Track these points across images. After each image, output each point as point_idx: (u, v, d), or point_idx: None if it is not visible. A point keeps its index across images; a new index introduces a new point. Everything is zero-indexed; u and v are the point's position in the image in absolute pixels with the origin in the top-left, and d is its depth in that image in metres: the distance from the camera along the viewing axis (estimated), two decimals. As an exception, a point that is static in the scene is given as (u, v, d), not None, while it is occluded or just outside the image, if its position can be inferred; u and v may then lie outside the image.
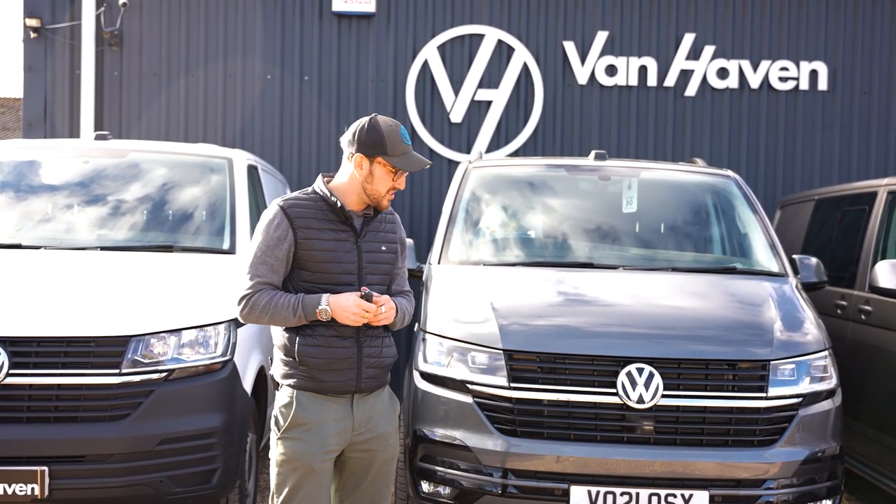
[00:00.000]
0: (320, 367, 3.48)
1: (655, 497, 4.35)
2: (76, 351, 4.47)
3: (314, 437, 3.49)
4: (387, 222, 3.70)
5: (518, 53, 9.40)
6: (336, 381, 3.50)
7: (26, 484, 4.33)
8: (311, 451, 3.48)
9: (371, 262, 3.59)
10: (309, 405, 3.50)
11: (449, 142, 9.41)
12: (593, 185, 6.29)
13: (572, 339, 4.64)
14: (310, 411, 3.49)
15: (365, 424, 3.58)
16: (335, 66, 9.41)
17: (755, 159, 9.51)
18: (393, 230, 3.72)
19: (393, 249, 3.69)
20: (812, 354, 4.75)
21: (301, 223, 3.50)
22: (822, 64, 9.53)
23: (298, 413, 3.49)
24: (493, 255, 5.75)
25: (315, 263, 3.50)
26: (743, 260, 5.88)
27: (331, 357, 3.48)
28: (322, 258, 3.50)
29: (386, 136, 3.51)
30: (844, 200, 6.98)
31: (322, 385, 3.49)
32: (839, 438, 4.75)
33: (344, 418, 3.53)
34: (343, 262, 3.52)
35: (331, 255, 3.50)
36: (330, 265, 3.50)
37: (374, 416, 3.60)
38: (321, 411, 3.50)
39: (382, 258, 3.63)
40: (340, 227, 3.54)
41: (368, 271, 3.57)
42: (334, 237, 3.52)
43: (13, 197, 5.91)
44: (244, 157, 6.37)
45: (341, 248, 3.52)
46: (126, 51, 9.35)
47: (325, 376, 3.49)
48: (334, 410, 3.51)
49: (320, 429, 3.49)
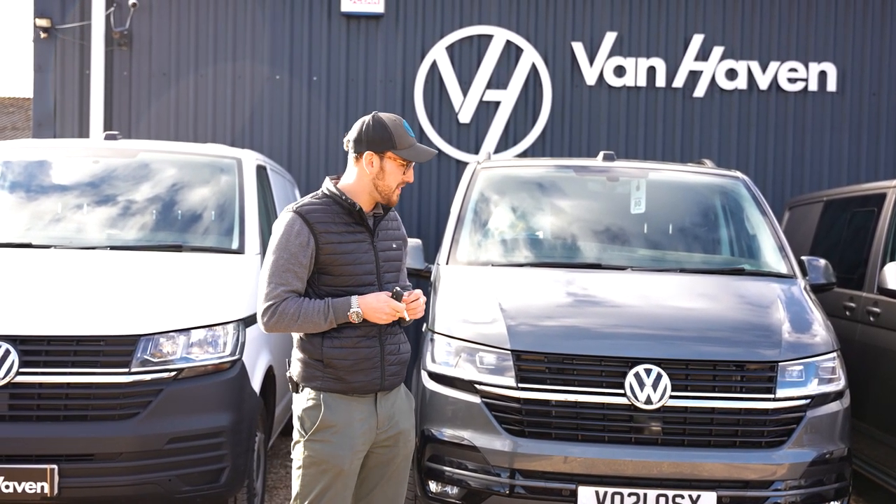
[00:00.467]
0: (347, 367, 3.50)
1: (663, 498, 4.35)
2: (86, 350, 4.49)
3: (343, 439, 3.49)
4: (392, 219, 3.76)
5: (526, 54, 9.40)
6: (362, 382, 3.52)
7: (36, 482, 4.35)
8: (340, 454, 3.49)
9: (386, 261, 3.64)
10: (336, 407, 3.50)
11: (457, 142, 9.41)
12: (602, 185, 6.29)
13: (580, 340, 4.64)
14: (337, 413, 3.50)
15: (388, 422, 3.61)
16: (344, 66, 9.43)
17: (764, 160, 9.50)
18: (398, 227, 3.79)
19: (400, 246, 3.76)
20: (820, 356, 4.74)
21: (321, 228, 3.50)
22: (831, 65, 9.51)
23: (327, 416, 3.49)
24: (502, 255, 5.75)
25: (338, 267, 3.52)
26: (751, 261, 5.87)
27: (358, 357, 3.51)
28: (344, 261, 3.52)
29: (392, 130, 3.55)
30: (853, 202, 6.97)
31: (349, 386, 3.51)
32: (847, 440, 4.74)
33: (369, 418, 3.55)
34: (363, 263, 3.56)
35: (352, 258, 3.53)
36: (351, 267, 3.53)
37: (395, 414, 3.64)
38: (349, 412, 3.51)
39: (394, 255, 3.69)
40: (357, 228, 3.58)
41: (385, 269, 3.62)
42: (353, 239, 3.55)
43: (23, 196, 5.93)
44: (253, 158, 6.39)
45: (360, 250, 3.56)
46: (135, 51, 9.38)
47: (352, 377, 3.51)
48: (360, 410, 3.53)
49: (348, 430, 3.50)
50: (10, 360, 4.39)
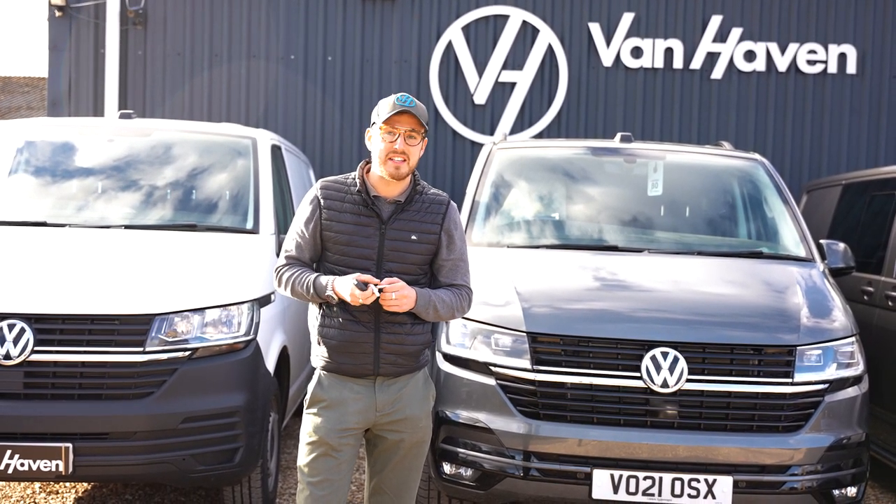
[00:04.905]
0: (334, 348, 3.54)
1: (679, 482, 4.32)
2: (101, 329, 4.48)
3: (332, 414, 3.55)
4: (428, 211, 3.62)
5: (543, 35, 9.34)
6: (351, 365, 3.54)
7: (51, 460, 4.36)
8: (328, 427, 3.54)
9: (395, 251, 3.55)
10: (328, 384, 3.58)
11: (472, 123, 9.37)
12: (618, 167, 6.23)
13: (596, 323, 4.61)
14: (329, 390, 3.57)
15: (391, 406, 3.58)
16: (359, 46, 9.39)
17: (782, 143, 9.42)
18: (434, 220, 3.61)
19: (430, 240, 3.59)
20: (839, 340, 4.69)
21: (327, 203, 3.58)
22: (850, 47, 9.41)
23: (318, 391, 3.60)
24: (517, 237, 5.72)
25: (334, 245, 3.57)
26: (769, 244, 5.82)
27: (344, 339, 3.52)
28: (339, 240, 3.55)
29: (382, 103, 3.59)
30: (872, 185, 6.90)
31: (338, 366, 3.56)
32: (865, 425, 4.70)
33: (366, 398, 3.56)
34: (361, 247, 3.54)
35: (347, 238, 3.54)
36: (347, 248, 3.54)
37: (402, 399, 3.60)
38: (341, 390, 3.56)
39: (411, 248, 3.57)
40: (364, 212, 3.56)
41: (390, 258, 3.54)
42: (355, 221, 3.55)
43: (38, 175, 5.93)
44: (268, 137, 6.36)
45: (361, 233, 3.54)
46: (150, 30, 9.36)
47: (340, 358, 3.54)
48: (355, 390, 3.56)
49: (340, 406, 3.55)
50: (25, 339, 4.39)
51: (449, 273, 3.66)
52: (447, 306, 3.60)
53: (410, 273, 3.57)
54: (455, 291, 3.65)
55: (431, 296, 3.56)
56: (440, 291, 3.61)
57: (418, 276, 3.61)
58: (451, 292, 3.64)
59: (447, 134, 9.34)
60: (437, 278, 3.67)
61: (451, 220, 3.65)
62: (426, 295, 3.55)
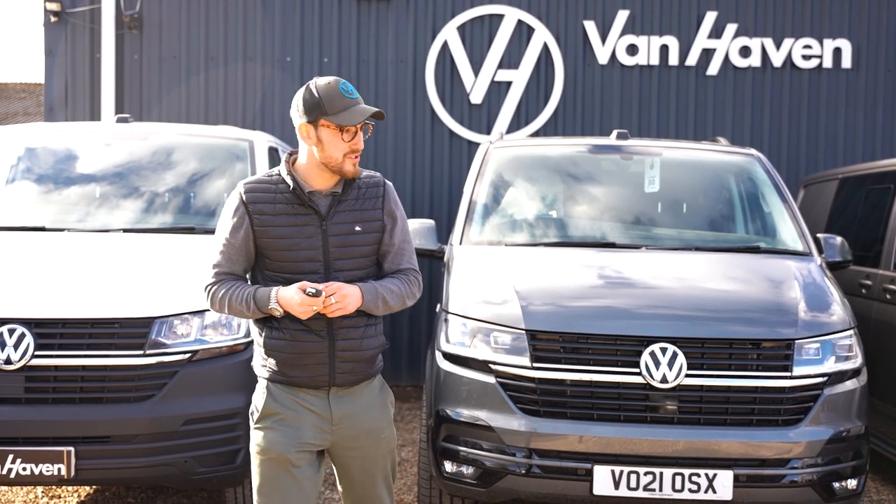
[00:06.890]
0: (285, 361, 3.25)
1: (679, 476, 4.34)
2: (101, 332, 4.50)
3: (288, 428, 3.28)
4: (367, 197, 3.33)
5: (538, 33, 9.35)
6: (305, 377, 3.26)
7: (53, 464, 4.37)
8: (285, 441, 3.27)
9: (341, 247, 3.27)
10: (281, 396, 3.30)
11: (469, 123, 9.37)
12: (615, 164, 6.25)
13: (595, 319, 4.62)
14: (283, 401, 3.30)
15: (347, 420, 3.33)
16: (355, 47, 9.39)
17: (778, 138, 9.43)
18: (375, 205, 3.33)
19: (373, 228, 3.32)
20: (837, 333, 4.71)
21: (256, 208, 3.24)
22: (846, 42, 9.42)
23: (270, 403, 3.30)
24: (515, 235, 5.73)
25: (274, 252, 3.24)
26: (767, 239, 5.84)
27: (296, 351, 3.24)
28: (278, 246, 3.23)
29: (322, 95, 3.19)
30: (869, 179, 6.92)
31: (291, 379, 3.28)
32: (864, 418, 4.71)
33: (322, 411, 3.30)
34: (304, 250, 3.23)
35: (287, 243, 3.22)
36: (288, 253, 3.23)
37: (358, 412, 3.35)
38: (295, 402, 3.29)
39: (357, 240, 3.29)
40: (300, 210, 3.25)
41: (338, 256, 3.26)
42: (291, 222, 3.23)
43: (36, 180, 5.93)
44: (265, 139, 6.38)
45: (301, 234, 3.23)
46: (146, 34, 9.37)
47: (292, 371, 3.26)
48: (309, 402, 3.30)
49: (295, 419, 3.28)
50: (25, 344, 4.40)
51: (394, 258, 3.39)
52: (396, 296, 3.34)
53: (362, 267, 3.32)
54: (402, 278, 3.39)
55: (378, 287, 3.28)
56: (386, 281, 3.34)
57: (370, 269, 3.36)
58: (399, 279, 3.37)
59: (444, 133, 9.34)
60: (381, 266, 3.40)
61: (391, 200, 3.38)
62: (372, 289, 3.27)
